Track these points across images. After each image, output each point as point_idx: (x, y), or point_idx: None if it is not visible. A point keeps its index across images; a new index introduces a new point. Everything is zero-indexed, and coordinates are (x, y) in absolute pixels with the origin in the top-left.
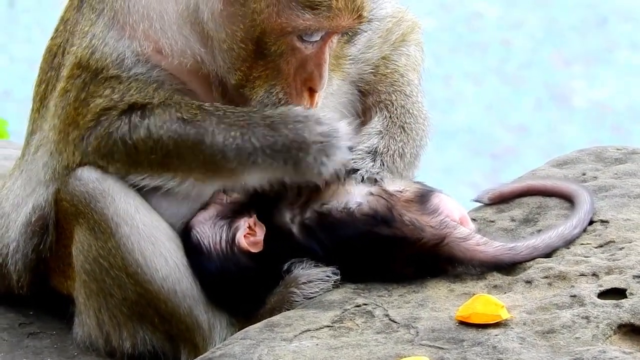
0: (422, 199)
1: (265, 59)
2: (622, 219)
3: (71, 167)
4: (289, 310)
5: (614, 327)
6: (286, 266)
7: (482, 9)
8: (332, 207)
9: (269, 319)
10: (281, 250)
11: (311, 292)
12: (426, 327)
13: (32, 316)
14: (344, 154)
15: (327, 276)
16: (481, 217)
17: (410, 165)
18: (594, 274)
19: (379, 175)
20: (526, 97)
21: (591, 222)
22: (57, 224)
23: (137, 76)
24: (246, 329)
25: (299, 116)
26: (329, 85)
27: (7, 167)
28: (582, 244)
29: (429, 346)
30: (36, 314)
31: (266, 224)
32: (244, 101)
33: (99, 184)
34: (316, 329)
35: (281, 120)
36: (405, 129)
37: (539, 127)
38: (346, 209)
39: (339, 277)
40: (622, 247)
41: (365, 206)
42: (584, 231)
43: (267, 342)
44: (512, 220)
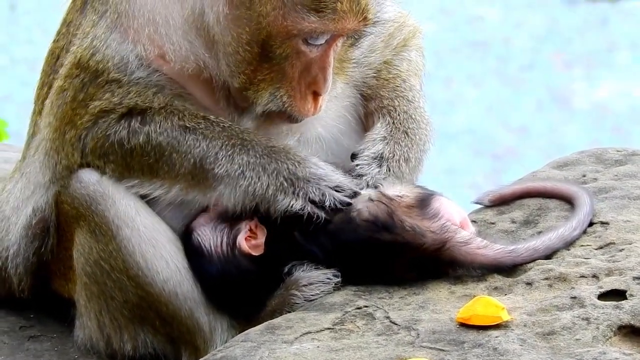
0: (423, 203)
1: (270, 62)
2: (622, 221)
3: (72, 168)
4: (289, 312)
5: (614, 329)
6: (287, 269)
7: (482, 11)
8: (334, 213)
9: (269, 322)
10: (282, 253)
11: (312, 295)
12: (427, 329)
13: (32, 319)
14: (324, 195)
15: (328, 278)
16: (481, 219)
17: (414, 169)
18: (594, 276)
19: (384, 180)
20: (527, 98)
21: (591, 224)
22: (57, 227)
23: (137, 80)
24: (247, 332)
25: (301, 155)
26: (332, 88)
27: (7, 170)
28: (582, 246)
29: (430, 348)
30: (37, 317)
31: (267, 227)
32: (247, 105)
33: (100, 187)
34: (317, 331)
35: (284, 150)
36: (408, 134)
37: (539, 129)
38: (347, 215)
39: (339, 279)
40: (622, 249)
41: (365, 212)
42: (584, 233)
43: (268, 344)
44: (513, 222)
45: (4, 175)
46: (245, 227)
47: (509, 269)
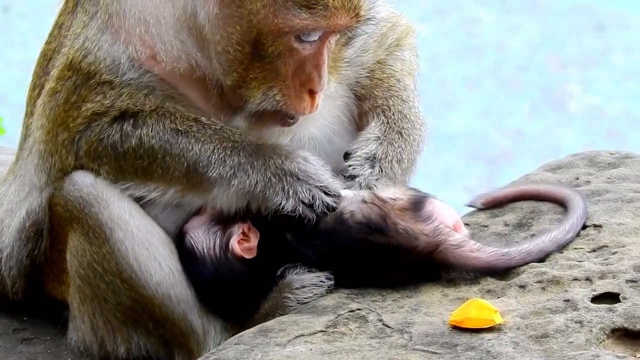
0: (416, 205)
1: (262, 61)
2: (615, 224)
3: (66, 171)
4: (282, 315)
5: (607, 332)
6: (280, 271)
7: (478, 14)
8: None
9: (262, 324)
10: (275, 255)
11: (305, 298)
12: (420, 332)
13: (26, 322)
14: (314, 199)
15: (321, 281)
16: (475, 222)
17: (407, 170)
18: (588, 279)
19: (378, 182)
20: (522, 101)
21: (584, 227)
22: (51, 229)
23: (129, 82)
24: (240, 334)
25: (289, 149)
26: (327, 87)
27: (1, 172)
28: (575, 249)
29: (423, 351)
30: (30, 319)
31: (260, 230)
32: (240, 104)
33: (93, 189)
34: (310, 334)
35: (272, 145)
36: (402, 135)
37: (535, 132)
38: (340, 217)
39: (332, 282)
40: (615, 252)
41: (358, 214)
42: (577, 236)
43: (261, 347)
44: (506, 225)
45: None
46: (238, 230)
47: (502, 272)
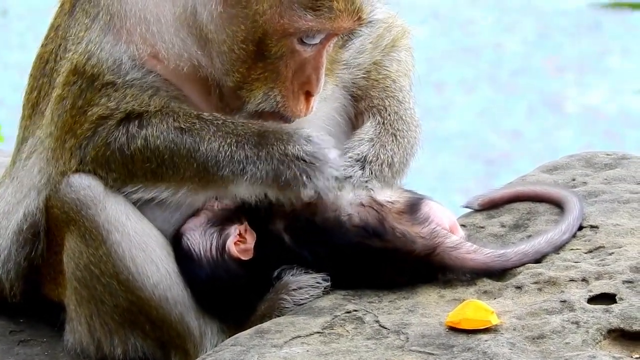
0: (412, 208)
1: (264, 61)
2: (611, 225)
3: (65, 174)
4: (279, 316)
5: (603, 332)
6: (276, 273)
7: (475, 16)
8: (323, 217)
9: (259, 326)
10: (271, 257)
11: (301, 299)
12: (416, 333)
13: (22, 324)
14: (327, 179)
15: (318, 283)
16: (471, 223)
17: (398, 173)
18: (584, 279)
19: (368, 184)
20: (519, 102)
21: (581, 228)
22: (48, 231)
23: (132, 82)
24: (236, 336)
25: (289, 131)
26: (323, 89)
27: None
28: (571, 250)
29: (419, 352)
30: (27, 321)
31: (257, 231)
32: (240, 104)
33: (90, 191)
34: (306, 335)
35: (273, 131)
36: (397, 137)
37: (532, 133)
38: (337, 220)
39: (329, 283)
40: (612, 253)
41: (356, 217)
42: (574, 236)
43: (258, 348)
44: (502, 226)
45: None
46: (234, 231)
47: (499, 273)
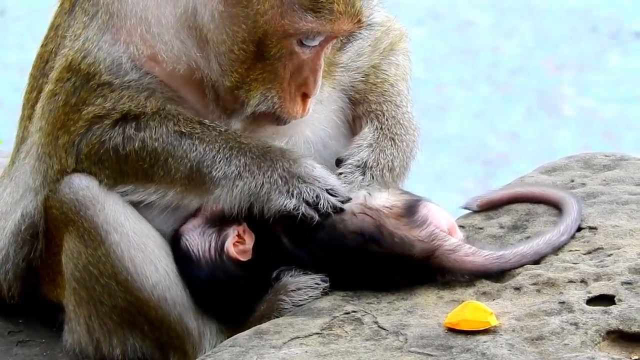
0: (410, 210)
1: (263, 62)
2: (610, 226)
3: (64, 173)
4: (278, 317)
5: (602, 334)
6: (275, 274)
7: (473, 17)
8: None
9: (258, 326)
10: (270, 258)
11: (300, 300)
12: (415, 334)
13: (21, 324)
14: (319, 197)
15: (316, 284)
16: (470, 224)
17: (398, 177)
18: (583, 281)
19: (368, 189)
20: (517, 104)
21: (580, 229)
22: (46, 232)
23: (129, 83)
24: (235, 336)
25: (295, 154)
26: (320, 92)
27: None
28: (570, 251)
29: (418, 353)
30: (25, 322)
31: (256, 232)
32: (237, 105)
33: (89, 192)
34: (305, 336)
35: (279, 149)
36: (395, 141)
37: (529, 134)
38: (333, 227)
39: (328, 284)
40: (611, 254)
41: (351, 225)
42: (573, 238)
43: (256, 349)
44: (501, 227)
45: None
46: (233, 232)
47: (498, 275)
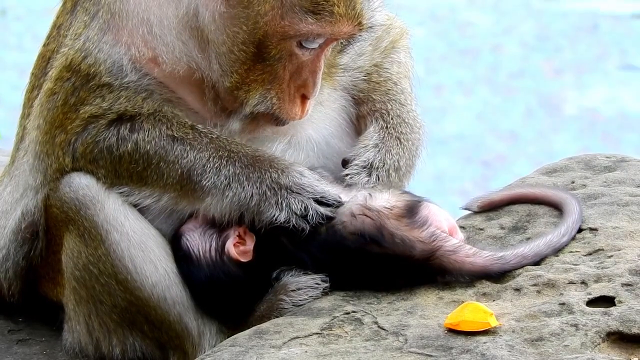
0: (411, 211)
1: (263, 63)
2: (611, 227)
3: (62, 172)
4: (278, 317)
5: (602, 335)
6: (275, 274)
7: (473, 18)
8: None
9: (257, 326)
10: (271, 259)
11: (300, 300)
12: (415, 335)
13: (21, 323)
14: (307, 208)
15: (316, 284)
16: (470, 225)
17: (404, 177)
18: (583, 282)
19: (369, 190)
20: (517, 105)
21: (580, 230)
22: (46, 231)
23: (128, 84)
24: (235, 336)
25: (285, 162)
26: (320, 94)
27: None
28: (571, 252)
29: (418, 353)
30: (25, 320)
31: (256, 233)
32: (236, 106)
33: (89, 191)
34: (305, 336)
35: (269, 158)
36: (401, 140)
37: (529, 135)
38: (332, 228)
39: (328, 284)
40: (611, 255)
41: (350, 227)
42: (573, 239)
43: (256, 349)
44: (501, 228)
45: None
46: (234, 233)
47: (498, 275)
